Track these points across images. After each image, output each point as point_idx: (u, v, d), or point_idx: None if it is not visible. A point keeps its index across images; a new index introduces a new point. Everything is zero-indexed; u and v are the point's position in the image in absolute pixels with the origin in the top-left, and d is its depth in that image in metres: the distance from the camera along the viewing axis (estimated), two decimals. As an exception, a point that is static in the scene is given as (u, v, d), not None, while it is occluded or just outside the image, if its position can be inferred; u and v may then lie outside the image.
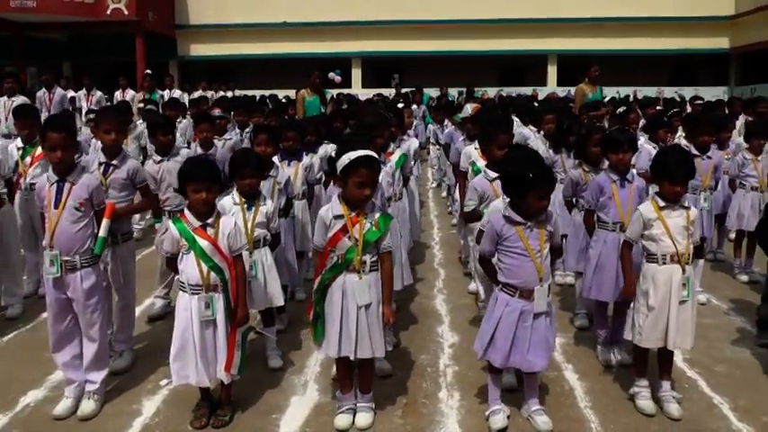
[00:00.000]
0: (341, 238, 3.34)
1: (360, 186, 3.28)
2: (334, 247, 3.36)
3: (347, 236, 3.33)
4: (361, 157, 3.28)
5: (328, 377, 4.07)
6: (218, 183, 3.37)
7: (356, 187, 3.29)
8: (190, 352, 3.35)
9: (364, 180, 3.28)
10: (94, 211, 3.63)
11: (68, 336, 3.70)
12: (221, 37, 22.55)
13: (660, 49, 22.92)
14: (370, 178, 3.30)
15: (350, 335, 3.36)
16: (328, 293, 3.41)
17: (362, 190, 3.30)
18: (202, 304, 3.32)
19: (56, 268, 3.52)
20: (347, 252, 3.34)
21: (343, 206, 3.37)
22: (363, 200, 3.34)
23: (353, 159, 3.27)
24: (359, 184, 3.28)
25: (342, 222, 3.35)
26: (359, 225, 3.34)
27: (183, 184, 3.33)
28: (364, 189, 3.30)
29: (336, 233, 3.35)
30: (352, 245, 3.33)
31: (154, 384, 4.02)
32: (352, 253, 3.33)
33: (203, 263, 3.33)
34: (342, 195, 3.41)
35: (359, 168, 3.26)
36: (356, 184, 3.28)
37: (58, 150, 3.51)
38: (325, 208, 3.44)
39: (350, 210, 3.36)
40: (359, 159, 3.27)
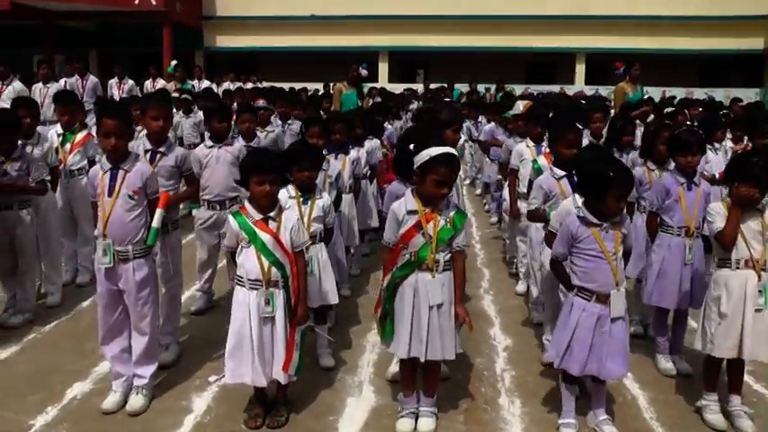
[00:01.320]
0: (414, 235, 3.20)
1: (438, 185, 3.14)
2: (407, 243, 3.22)
3: (421, 232, 3.19)
4: (441, 154, 3.13)
5: (383, 377, 3.94)
6: (283, 175, 3.24)
7: (434, 185, 3.14)
8: (246, 350, 3.22)
9: (443, 179, 3.14)
10: (148, 200, 3.51)
11: (118, 328, 3.59)
12: (248, 29, 22.46)
13: (691, 48, 22.49)
14: (449, 177, 3.17)
15: (420, 336, 3.22)
16: (399, 291, 3.27)
17: (440, 188, 3.16)
18: (262, 300, 3.19)
19: (108, 258, 3.41)
20: (420, 249, 3.19)
21: (418, 201, 3.23)
22: (440, 198, 3.21)
23: (433, 156, 3.12)
24: (437, 182, 3.13)
25: (415, 218, 3.21)
26: (433, 222, 3.20)
27: (247, 175, 3.19)
28: (442, 188, 3.16)
29: (410, 229, 3.21)
30: (426, 242, 3.19)
31: (202, 380, 3.90)
32: (425, 251, 3.19)
33: (264, 257, 3.20)
34: (416, 190, 3.27)
35: (438, 166, 3.12)
36: (434, 183, 3.14)
37: (112, 137, 3.39)
38: (398, 202, 3.29)
39: (424, 205, 3.22)
40: (439, 157, 3.12)
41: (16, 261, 4.78)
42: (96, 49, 22.49)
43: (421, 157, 3.16)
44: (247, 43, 22.44)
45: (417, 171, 3.19)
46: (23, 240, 4.74)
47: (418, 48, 22.72)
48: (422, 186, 3.21)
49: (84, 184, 5.59)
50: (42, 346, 4.48)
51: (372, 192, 5.81)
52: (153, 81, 11.66)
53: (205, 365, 4.09)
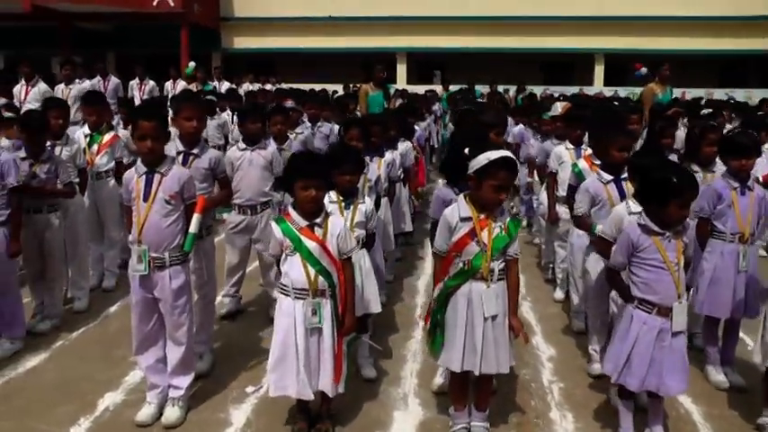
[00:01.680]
0: (468, 243, 3.05)
1: (496, 190, 2.99)
2: (460, 251, 3.07)
3: (475, 240, 3.04)
4: (500, 158, 2.97)
5: (428, 389, 3.80)
6: (329, 180, 3.09)
7: (492, 191, 2.99)
8: (291, 361, 3.08)
9: (502, 184, 2.99)
10: (184, 205, 3.37)
11: (153, 338, 3.46)
12: (266, 30, 22.39)
13: (710, 49, 22.16)
14: (508, 182, 3.03)
15: (475, 348, 3.08)
16: (451, 302, 3.11)
17: (498, 194, 3.01)
18: (309, 310, 3.05)
19: (144, 265, 3.27)
20: (474, 258, 3.04)
21: (472, 208, 3.08)
22: (497, 204, 3.06)
23: (492, 161, 2.96)
24: (495, 187, 2.98)
25: (469, 225, 3.05)
26: (488, 229, 3.04)
27: (291, 180, 3.05)
28: (500, 193, 3.02)
29: (463, 237, 3.06)
30: (481, 250, 3.03)
31: (239, 391, 3.77)
32: (479, 259, 3.04)
33: (310, 265, 3.05)
34: (470, 196, 3.11)
35: (497, 171, 2.96)
36: (492, 188, 2.98)
37: (148, 140, 3.25)
38: (451, 209, 3.14)
39: (478, 212, 3.06)
40: (497, 161, 2.96)
41: (44, 266, 4.67)
42: (113, 51, 22.50)
43: (478, 161, 3.01)
44: (265, 44, 22.37)
45: (473, 176, 3.04)
46: (52, 245, 4.64)
47: (436, 49, 22.56)
48: (478, 192, 3.05)
49: (111, 186, 5.52)
50: (71, 353, 4.36)
51: (405, 195, 5.66)
52: (173, 82, 11.57)
53: (240, 375, 3.96)
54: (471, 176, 3.06)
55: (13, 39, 21.56)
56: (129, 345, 4.32)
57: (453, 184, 3.72)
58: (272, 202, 4.74)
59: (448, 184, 3.77)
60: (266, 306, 5.05)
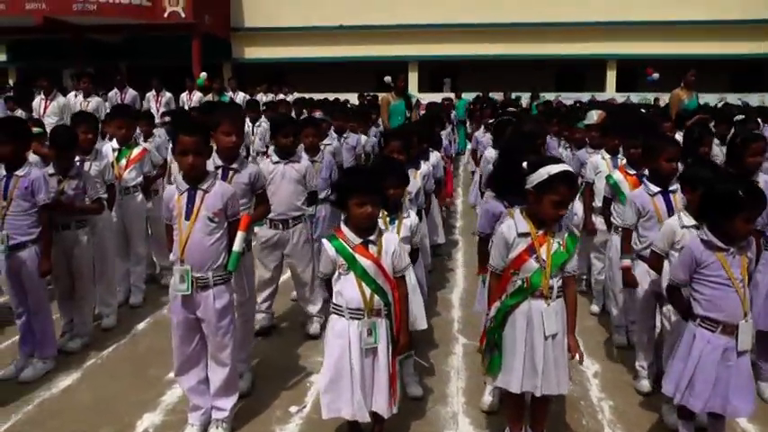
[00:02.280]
0: (526, 260, 2.94)
1: (556, 206, 2.89)
2: (518, 269, 2.96)
3: (534, 257, 2.93)
4: (561, 172, 2.87)
5: (477, 408, 3.69)
6: (383, 195, 2.99)
7: (552, 206, 2.88)
8: (345, 383, 2.98)
9: (563, 199, 2.88)
10: (228, 222, 3.27)
11: (194, 359, 3.36)
12: (276, 40, 22.42)
13: (724, 53, 22.03)
14: (569, 197, 2.92)
15: (535, 369, 2.97)
16: (509, 321, 3.00)
17: (558, 210, 2.90)
18: (365, 330, 2.95)
19: (186, 285, 3.17)
20: (533, 275, 2.93)
21: (529, 223, 2.97)
22: (556, 220, 2.95)
23: (553, 175, 2.86)
24: (556, 203, 2.88)
25: (527, 241, 2.95)
26: (546, 245, 2.94)
27: (345, 196, 2.95)
28: (560, 209, 2.91)
29: (521, 254, 2.95)
30: (539, 267, 2.92)
31: (282, 411, 3.68)
32: (539, 277, 2.93)
33: (365, 284, 2.95)
34: (527, 211, 3.01)
35: (558, 186, 2.86)
36: (553, 203, 2.88)
37: (190, 155, 3.15)
38: (507, 225, 3.02)
39: (537, 227, 2.96)
40: (559, 175, 2.86)
41: (73, 283, 4.59)
42: (124, 62, 22.54)
43: (539, 175, 2.90)
44: (276, 54, 22.40)
45: (532, 190, 2.94)
46: (81, 262, 4.55)
47: (447, 57, 22.53)
48: (536, 207, 2.95)
49: (139, 201, 5.46)
50: (103, 372, 4.27)
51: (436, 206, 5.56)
52: (189, 94, 11.53)
53: (281, 394, 3.87)
54: (530, 191, 2.96)
55: (25, 51, 21.68)
56: (162, 364, 4.30)
57: (503, 197, 3.61)
58: (304, 216, 4.64)
59: (497, 197, 3.65)
60: (300, 321, 4.97)
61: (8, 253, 4.05)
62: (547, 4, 21.80)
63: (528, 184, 2.97)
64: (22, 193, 4.05)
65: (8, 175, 4.08)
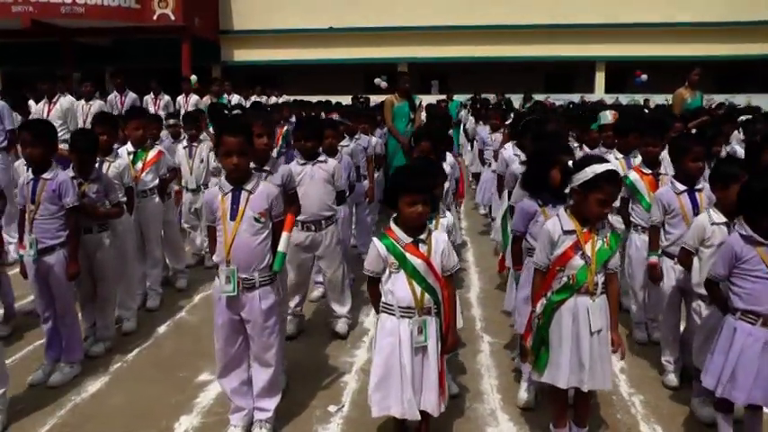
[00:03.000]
0: (572, 257, 3.00)
1: (601, 204, 2.95)
2: (564, 266, 3.02)
3: (579, 254, 2.99)
4: (606, 172, 2.94)
5: (513, 404, 3.73)
6: (433, 195, 3.02)
7: (597, 205, 2.95)
8: (395, 381, 3.00)
9: (608, 198, 2.95)
10: (272, 223, 3.28)
11: (237, 360, 3.36)
12: (266, 42, 22.39)
13: (710, 54, 22.37)
14: (614, 196, 3.00)
15: (582, 364, 3.02)
16: (555, 317, 3.06)
17: (603, 208, 2.97)
18: (415, 329, 2.97)
19: (232, 286, 3.17)
20: (579, 272, 2.99)
21: (574, 221, 3.03)
22: (601, 218, 3.02)
23: (599, 174, 2.92)
24: (601, 201, 2.94)
25: (572, 239, 3.01)
26: (591, 242, 3.00)
27: (396, 195, 2.97)
28: (605, 207, 2.97)
29: (566, 251, 3.01)
30: (584, 264, 2.98)
31: (321, 411, 3.69)
32: (584, 273, 2.99)
33: (416, 283, 2.97)
34: (571, 209, 3.07)
35: (603, 185, 2.92)
36: (598, 202, 2.94)
37: (234, 156, 3.15)
38: (552, 222, 3.09)
39: (581, 225, 3.02)
40: (604, 174, 2.93)
41: (95, 287, 4.56)
42: (112, 65, 22.31)
43: (584, 174, 2.97)
44: (266, 56, 22.38)
45: (578, 189, 3.00)
46: (104, 265, 4.52)
47: (437, 59, 22.64)
48: (582, 205, 3.01)
49: (155, 204, 5.43)
50: (131, 376, 4.25)
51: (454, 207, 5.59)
52: (186, 96, 11.44)
53: (317, 394, 3.88)
54: (575, 190, 3.02)
55: (11, 55, 21.40)
56: (190, 366, 4.30)
57: (537, 196, 3.67)
58: (335, 217, 4.65)
59: (531, 196, 3.71)
60: (324, 321, 5.00)
61: (36, 257, 4.02)
62: (536, 6, 22.02)
63: (573, 183, 3.04)
64: (49, 196, 4.03)
65: (35, 179, 4.05)
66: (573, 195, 3.05)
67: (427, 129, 5.20)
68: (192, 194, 6.40)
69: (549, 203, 3.66)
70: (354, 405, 3.77)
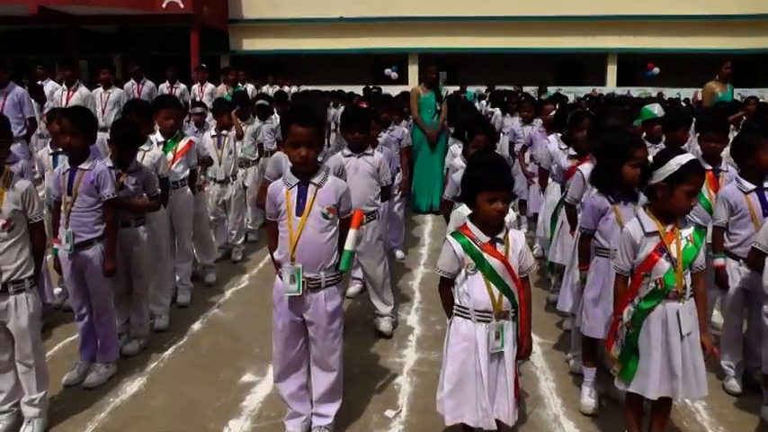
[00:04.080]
0: (657, 260, 2.83)
1: (689, 196, 2.81)
2: (649, 270, 2.85)
3: (664, 255, 2.81)
4: (691, 162, 2.79)
5: (575, 410, 3.58)
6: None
7: (685, 197, 2.80)
8: (470, 388, 2.81)
9: (696, 188, 2.81)
10: (339, 219, 3.08)
11: (296, 363, 3.18)
12: (275, 32, 22.11)
13: (723, 48, 22.10)
14: (700, 185, 2.86)
15: (674, 372, 2.86)
16: (643, 324, 2.89)
17: (691, 200, 2.83)
18: (492, 334, 2.78)
19: (297, 286, 2.98)
20: (666, 276, 2.82)
21: (656, 220, 2.86)
22: (688, 211, 2.89)
23: (685, 165, 2.77)
24: (689, 193, 2.79)
25: (656, 240, 2.84)
26: (675, 242, 2.82)
27: (474, 190, 2.76)
28: (692, 199, 2.84)
29: (651, 254, 2.84)
30: (671, 266, 2.81)
31: (378, 416, 3.52)
32: (671, 276, 2.82)
33: (494, 285, 2.78)
34: (650, 207, 2.88)
35: (690, 175, 2.77)
36: (686, 194, 2.79)
37: (302, 147, 2.94)
38: (633, 224, 2.92)
39: (663, 224, 2.84)
40: (689, 165, 2.78)
41: (130, 282, 4.37)
42: (119, 53, 22.07)
43: (669, 167, 2.80)
44: (275, 46, 22.11)
45: (663, 184, 2.83)
46: (141, 260, 4.33)
47: (448, 49, 22.37)
48: (668, 200, 2.83)
49: (186, 196, 5.22)
50: (170, 376, 4.05)
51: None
52: (201, 85, 11.22)
53: (372, 398, 3.70)
54: (660, 185, 2.85)
55: (15, 42, 21.10)
56: (230, 366, 4.13)
57: (607, 192, 3.49)
58: (377, 212, 4.46)
59: (601, 192, 3.52)
60: (365, 320, 4.81)
61: (73, 251, 3.82)
62: (548, -3, 21.74)
63: (656, 178, 2.87)
64: (87, 187, 3.82)
65: (72, 169, 3.85)
66: (657, 191, 2.88)
67: (479, 120, 4.97)
68: (221, 186, 6.19)
69: (621, 200, 3.50)
70: (412, 410, 3.60)
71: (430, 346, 4.46)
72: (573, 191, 4.10)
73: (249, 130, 7.01)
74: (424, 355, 4.32)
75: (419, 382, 3.92)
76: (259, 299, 5.45)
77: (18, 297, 3.28)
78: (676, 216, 2.88)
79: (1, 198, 3.23)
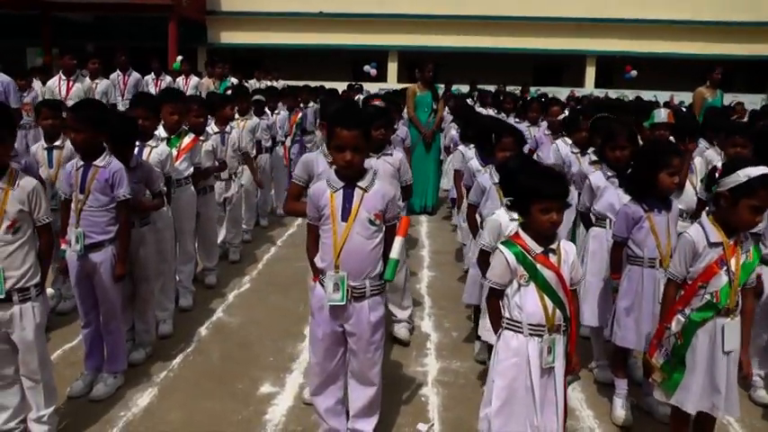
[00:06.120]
0: (716, 273, 2.74)
1: (754, 212, 2.70)
2: (706, 282, 2.75)
3: (724, 269, 2.72)
4: (762, 176, 2.68)
5: (608, 421, 3.51)
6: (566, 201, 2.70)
7: (749, 212, 2.70)
8: (519, 406, 2.68)
9: (762, 205, 2.69)
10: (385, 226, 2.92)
11: (335, 376, 3.01)
12: (254, 25, 21.68)
13: (701, 53, 22.45)
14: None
15: (717, 387, 2.78)
16: (693, 337, 2.79)
17: (756, 216, 2.72)
18: (545, 348, 2.65)
19: (341, 295, 2.81)
20: (722, 290, 2.74)
21: (720, 231, 2.76)
22: (751, 227, 2.79)
23: (754, 178, 2.67)
24: (754, 208, 2.69)
25: (718, 252, 2.75)
26: (736, 256, 2.75)
27: (527, 199, 2.64)
28: (758, 215, 2.73)
29: (711, 265, 2.75)
30: (728, 281, 2.73)
31: (411, 430, 3.39)
32: (727, 291, 2.74)
33: (547, 298, 2.65)
34: (715, 216, 2.80)
35: (759, 189, 2.67)
36: (750, 209, 2.69)
37: (347, 151, 2.77)
38: (696, 231, 2.81)
39: (727, 236, 2.76)
40: (760, 179, 2.67)
41: (134, 287, 4.13)
42: (93, 42, 21.40)
43: (736, 178, 2.70)
44: (254, 39, 21.68)
45: (727, 194, 2.74)
46: (146, 263, 4.11)
47: (427, 47, 22.20)
48: (730, 212, 2.74)
49: (189, 195, 4.99)
50: (183, 387, 3.84)
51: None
52: (186, 78, 10.88)
53: (399, 409, 3.57)
54: (724, 195, 2.76)
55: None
56: (245, 376, 3.96)
57: (641, 200, 3.41)
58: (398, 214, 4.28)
59: (634, 200, 3.44)
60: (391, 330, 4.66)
61: (82, 253, 3.58)
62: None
63: (721, 187, 2.77)
64: (101, 185, 3.60)
65: (86, 165, 3.61)
66: (720, 200, 2.79)
67: (498, 123, 4.83)
68: (225, 184, 5.94)
69: (655, 208, 3.42)
70: (444, 423, 3.47)
71: (450, 354, 4.33)
72: (583, 198, 4.03)
73: (248, 125, 6.78)
74: (446, 364, 4.19)
75: (446, 393, 3.79)
76: (262, 303, 5.28)
77: (23, 306, 3.04)
78: (739, 228, 2.78)
79: (5, 197, 2.99)
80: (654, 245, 3.39)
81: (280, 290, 5.53)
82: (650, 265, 3.40)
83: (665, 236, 3.38)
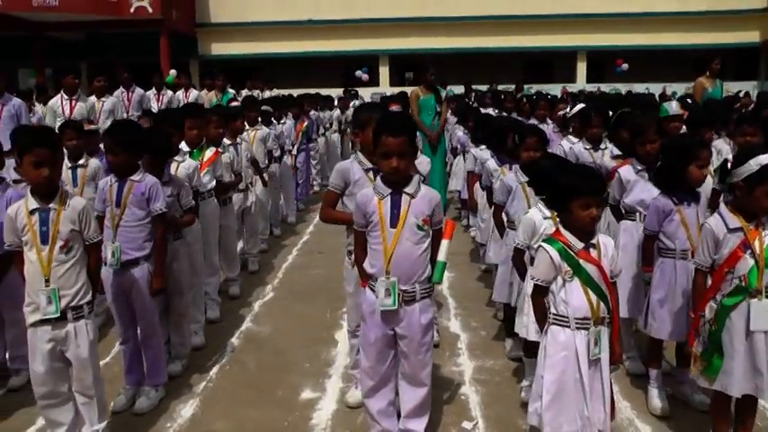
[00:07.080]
0: (741, 257, 2.83)
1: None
2: (732, 267, 2.85)
3: (748, 252, 2.82)
4: None
5: (645, 411, 3.57)
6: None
7: (765, 198, 2.79)
8: (569, 398, 2.75)
9: None
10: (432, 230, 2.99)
11: (386, 378, 3.08)
12: (244, 35, 21.76)
13: (690, 44, 22.70)
14: None
15: (758, 369, 2.85)
16: (726, 322, 2.88)
17: None
18: (591, 341, 2.72)
19: (393, 299, 2.87)
20: (750, 273, 2.83)
21: (738, 217, 2.86)
22: None
23: (766, 165, 2.76)
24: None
25: (740, 237, 2.84)
26: (758, 239, 2.84)
27: (567, 196, 2.72)
28: None
29: (735, 250, 2.84)
30: (754, 263, 2.82)
31: (457, 429, 3.45)
32: (755, 273, 2.82)
33: (591, 291, 2.73)
34: (733, 204, 2.90)
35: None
36: (766, 195, 2.79)
37: (393, 158, 2.84)
38: (715, 220, 2.92)
39: (747, 221, 2.86)
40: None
41: (170, 300, 4.19)
42: (86, 60, 21.40)
43: (748, 167, 2.81)
44: (245, 50, 21.76)
45: (742, 184, 2.84)
46: (180, 277, 4.16)
47: (417, 50, 22.35)
48: (748, 200, 2.85)
49: (213, 207, 5.05)
50: (224, 398, 3.89)
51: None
52: (185, 91, 10.93)
53: (443, 408, 3.62)
54: (739, 184, 2.87)
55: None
56: (284, 383, 4.02)
57: (671, 193, 3.50)
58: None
59: (664, 193, 3.52)
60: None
61: (118, 268, 3.63)
62: (517, -4, 21.94)
63: (734, 177, 2.88)
64: (137, 198, 3.65)
65: (121, 180, 3.67)
66: (735, 190, 2.89)
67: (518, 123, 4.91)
68: (243, 195, 5.99)
69: (684, 201, 3.50)
70: (488, 420, 3.53)
71: (482, 353, 4.40)
72: (613, 192, 4.10)
73: (258, 135, 6.84)
74: (479, 363, 4.26)
75: (485, 392, 3.85)
76: (288, 311, 5.33)
77: (77, 324, 3.11)
78: (759, 214, 2.87)
79: (58, 218, 3.05)
80: (685, 237, 3.47)
81: (302, 298, 5.59)
82: (682, 256, 3.48)
83: (695, 227, 3.46)
